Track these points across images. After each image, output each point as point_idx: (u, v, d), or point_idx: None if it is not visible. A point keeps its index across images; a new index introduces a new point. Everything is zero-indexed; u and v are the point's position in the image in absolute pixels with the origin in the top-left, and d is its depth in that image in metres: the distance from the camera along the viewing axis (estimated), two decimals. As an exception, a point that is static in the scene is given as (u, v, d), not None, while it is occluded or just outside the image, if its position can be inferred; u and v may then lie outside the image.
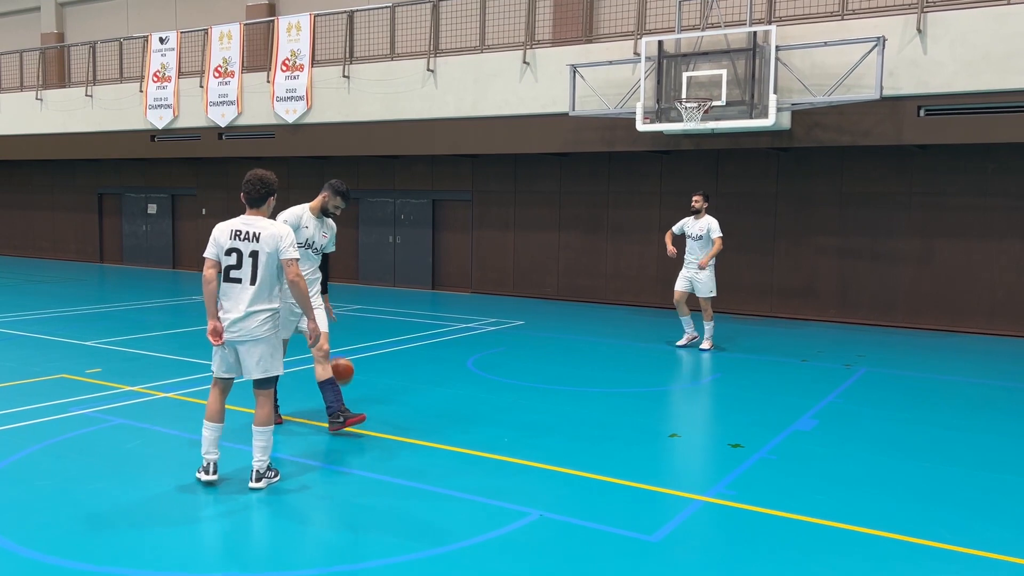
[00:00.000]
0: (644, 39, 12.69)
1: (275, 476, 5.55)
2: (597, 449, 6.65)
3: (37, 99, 21.25)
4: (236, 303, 5.25)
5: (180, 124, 18.72)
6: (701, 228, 10.77)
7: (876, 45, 11.15)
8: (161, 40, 19.01)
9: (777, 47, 11.71)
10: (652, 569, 4.39)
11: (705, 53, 12.38)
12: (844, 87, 11.53)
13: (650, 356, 10.42)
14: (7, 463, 5.86)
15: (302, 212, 6.59)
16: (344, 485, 5.68)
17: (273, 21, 17.37)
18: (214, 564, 4.36)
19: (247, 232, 5.25)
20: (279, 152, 17.60)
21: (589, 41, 14.13)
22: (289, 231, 5.33)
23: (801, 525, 5.00)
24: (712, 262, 10.76)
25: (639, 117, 12.60)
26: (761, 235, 14.20)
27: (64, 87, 21.41)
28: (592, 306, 15.06)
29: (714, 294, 10.85)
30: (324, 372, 6.55)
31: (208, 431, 5.44)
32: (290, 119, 16.98)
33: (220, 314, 5.29)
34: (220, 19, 19.43)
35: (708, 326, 10.80)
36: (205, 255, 5.36)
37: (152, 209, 22.11)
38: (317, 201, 6.66)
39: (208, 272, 5.30)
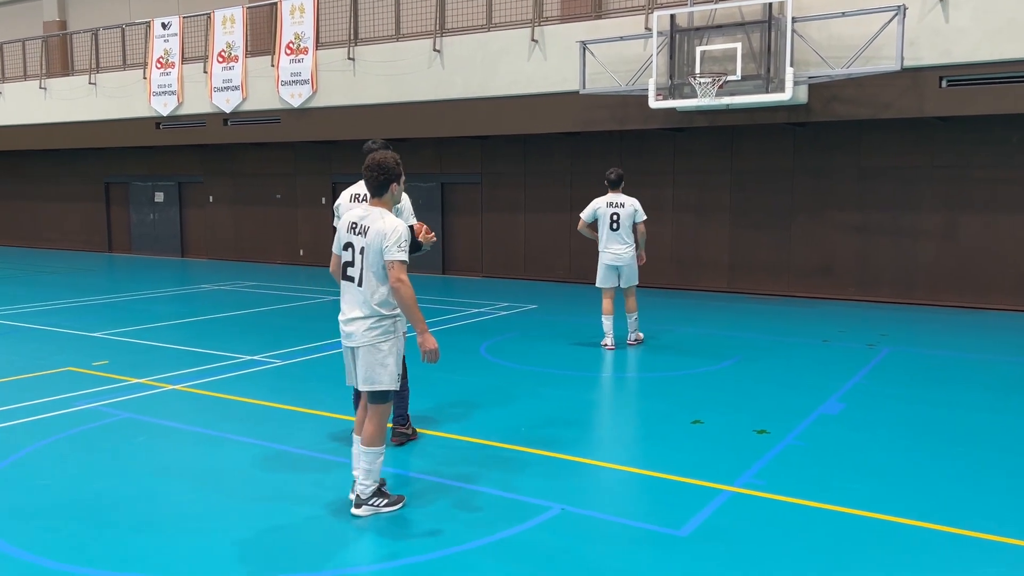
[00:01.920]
0: (656, 13, 12.34)
1: (386, 505, 4.81)
2: (618, 437, 6.45)
3: (41, 88, 21.04)
4: (348, 304, 4.75)
5: (185, 111, 18.48)
6: None
7: (896, 14, 10.79)
8: (163, 26, 18.74)
9: (793, 19, 11.36)
10: (683, 566, 4.18)
11: (719, 26, 12.04)
12: (863, 59, 11.18)
13: (667, 339, 10.17)
14: (10, 461, 5.68)
15: None
16: (347, 478, 5.47)
17: (276, 4, 17.06)
18: (222, 566, 4.17)
19: (360, 225, 4.70)
20: (285, 137, 17.35)
21: (599, 17, 13.79)
22: (398, 227, 4.62)
23: (835, 516, 4.77)
24: (599, 248, 9.34)
25: (651, 94, 12.28)
26: (778, 212, 13.90)
27: (68, 75, 21.20)
28: (605, 288, 14.79)
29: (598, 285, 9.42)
30: None
31: (355, 445, 4.90)
32: (295, 103, 16.71)
33: (340, 315, 4.83)
34: (222, 3, 19.14)
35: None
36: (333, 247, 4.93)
37: (159, 197, 21.93)
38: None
39: (332, 266, 4.89)
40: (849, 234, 13.37)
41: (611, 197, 9.09)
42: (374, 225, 4.66)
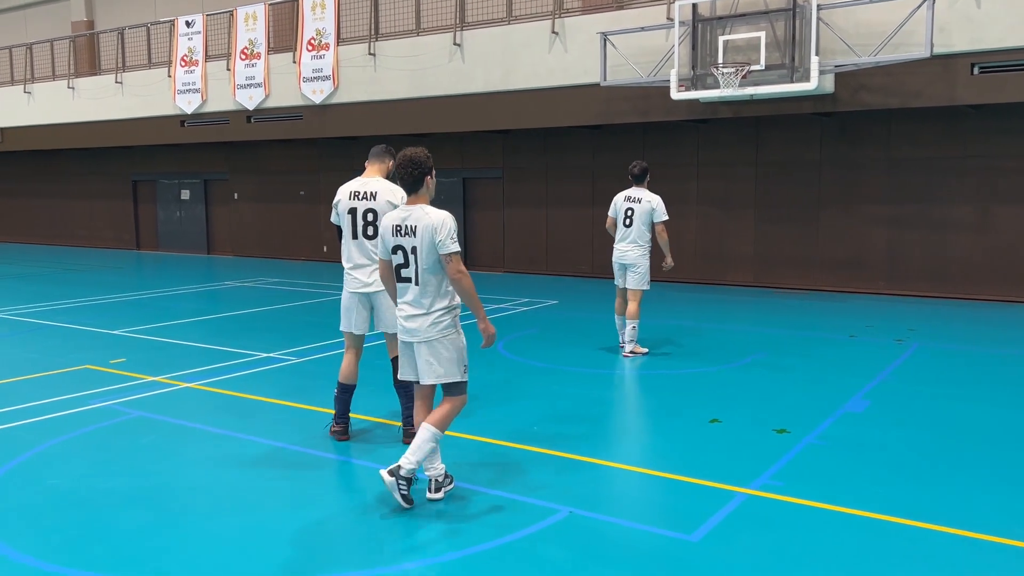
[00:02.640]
0: (677, 2, 12.10)
1: (404, 492, 4.70)
2: (632, 437, 6.30)
3: (69, 88, 21.26)
4: (408, 303, 4.80)
5: (209, 108, 18.55)
6: None
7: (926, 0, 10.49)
8: (187, 24, 18.83)
9: (819, 6, 11.08)
10: (692, 572, 4.02)
11: (742, 15, 11.80)
12: (891, 46, 10.88)
13: (688, 335, 9.98)
14: (19, 461, 5.66)
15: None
16: (356, 479, 5.38)
17: (297, 0, 17.05)
18: (225, 572, 4.09)
19: (405, 226, 4.71)
20: (308, 134, 17.34)
21: (620, 7, 13.58)
22: (445, 219, 4.68)
23: (857, 520, 4.58)
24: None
25: (673, 85, 12.06)
26: (805, 204, 13.61)
27: (95, 75, 21.40)
28: (629, 283, 14.60)
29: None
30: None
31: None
32: (317, 100, 16.70)
33: (398, 313, 4.86)
34: (245, 0, 19.18)
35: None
36: (378, 254, 5.02)
37: (185, 195, 22.08)
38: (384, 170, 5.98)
39: (381, 272, 4.97)
40: (878, 227, 13.06)
41: (630, 192, 8.79)
42: (421, 222, 4.66)
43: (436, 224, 4.64)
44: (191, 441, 6.13)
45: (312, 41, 16.73)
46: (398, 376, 5.05)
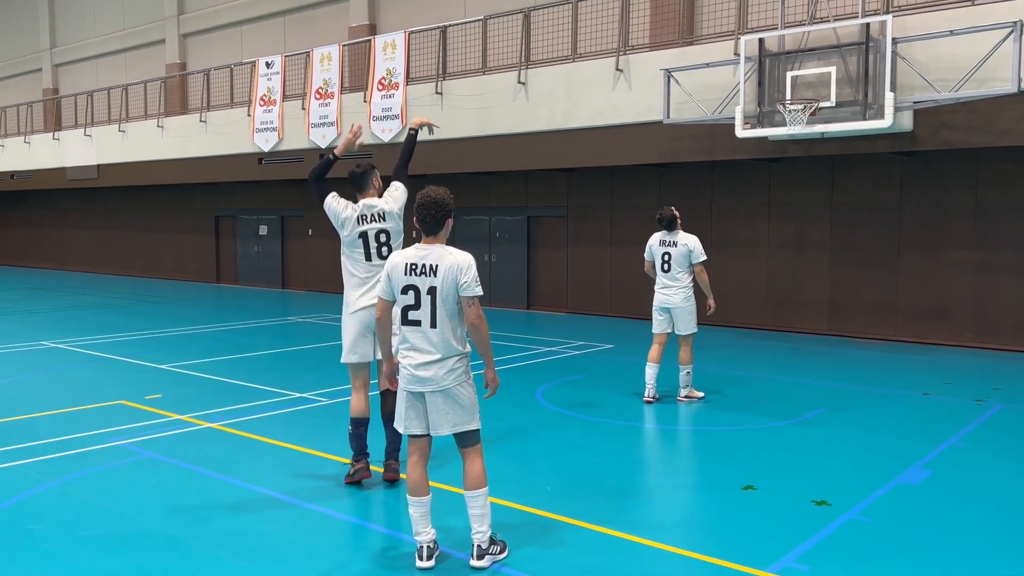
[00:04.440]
0: (744, 38, 11.61)
1: (501, 552, 4.60)
2: (651, 503, 5.76)
3: (158, 127, 22.12)
4: (418, 349, 4.48)
5: (284, 147, 18.93)
6: None
7: (1012, 31, 9.69)
8: (267, 64, 19.34)
9: (894, 39, 10.41)
10: (676, 674, 3.51)
11: (812, 50, 11.19)
12: (974, 81, 10.09)
13: (745, 387, 9.33)
14: (15, 501, 5.57)
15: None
16: (334, 535, 5.04)
17: (370, 41, 17.28)
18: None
19: (423, 265, 4.45)
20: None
21: (689, 43, 13.16)
22: (471, 261, 4.47)
23: (884, 618, 3.97)
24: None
25: (739, 122, 11.52)
26: (884, 248, 12.74)
27: (183, 114, 22.22)
28: (694, 328, 13.96)
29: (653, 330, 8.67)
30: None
31: (412, 508, 4.55)
32: (386, 138, 16.78)
33: (403, 360, 4.54)
34: (325, 41, 19.60)
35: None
36: (377, 292, 4.73)
37: (263, 230, 22.56)
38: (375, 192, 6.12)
39: (378, 313, 4.65)
40: (965, 273, 12.09)
41: (664, 235, 8.43)
42: (443, 262, 4.44)
43: (462, 265, 4.42)
44: (190, 487, 5.91)
45: (383, 81, 16.88)
46: (399, 429, 4.66)
